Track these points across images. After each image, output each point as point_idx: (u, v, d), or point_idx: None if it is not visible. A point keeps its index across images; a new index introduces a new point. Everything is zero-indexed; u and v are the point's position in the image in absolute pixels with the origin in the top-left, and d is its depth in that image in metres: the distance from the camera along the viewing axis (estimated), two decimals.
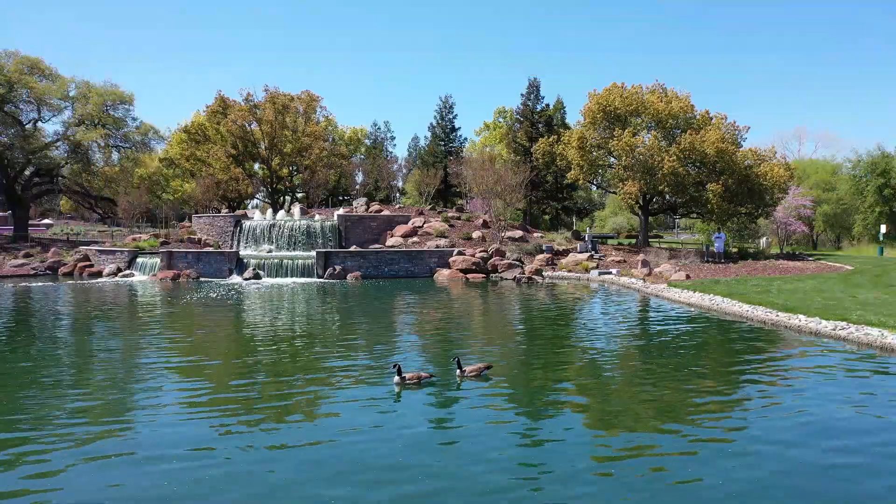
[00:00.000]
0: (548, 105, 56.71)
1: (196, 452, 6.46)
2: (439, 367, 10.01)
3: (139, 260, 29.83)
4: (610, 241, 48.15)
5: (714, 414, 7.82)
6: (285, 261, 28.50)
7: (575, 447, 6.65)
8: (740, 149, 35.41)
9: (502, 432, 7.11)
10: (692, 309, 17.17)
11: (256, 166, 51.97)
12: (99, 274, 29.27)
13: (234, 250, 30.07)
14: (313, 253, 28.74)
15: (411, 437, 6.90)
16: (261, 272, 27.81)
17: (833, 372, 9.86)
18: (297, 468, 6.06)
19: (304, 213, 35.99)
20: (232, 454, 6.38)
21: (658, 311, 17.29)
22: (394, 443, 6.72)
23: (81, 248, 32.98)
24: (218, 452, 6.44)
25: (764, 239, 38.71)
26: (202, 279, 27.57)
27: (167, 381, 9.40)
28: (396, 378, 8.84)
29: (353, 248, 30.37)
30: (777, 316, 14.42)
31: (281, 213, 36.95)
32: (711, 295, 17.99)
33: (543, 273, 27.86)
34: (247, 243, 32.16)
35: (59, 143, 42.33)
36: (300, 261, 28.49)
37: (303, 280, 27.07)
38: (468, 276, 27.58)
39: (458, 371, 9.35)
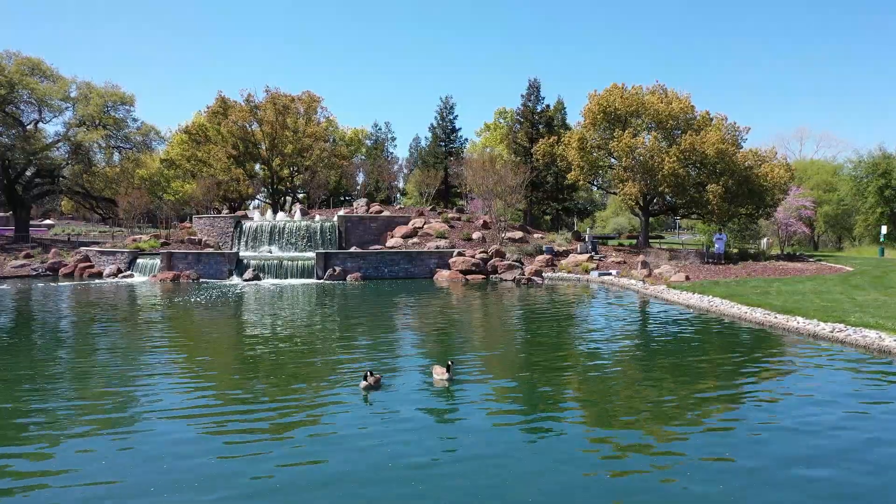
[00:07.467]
0: (548, 106, 56.68)
1: (193, 452, 6.48)
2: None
3: (139, 261, 29.86)
4: (611, 242, 48.16)
5: (711, 416, 7.83)
6: (285, 262, 28.53)
7: (573, 447, 6.64)
8: (741, 150, 35.42)
9: (501, 432, 7.12)
10: (691, 310, 17.16)
11: (257, 167, 52.01)
12: (99, 275, 29.32)
13: (234, 251, 30.12)
14: (313, 254, 28.75)
15: (411, 438, 6.92)
16: (261, 273, 27.85)
17: (829, 374, 9.86)
18: (295, 466, 6.09)
19: (304, 213, 36.02)
20: (227, 454, 6.40)
21: (657, 313, 17.28)
22: (392, 443, 6.73)
23: (82, 248, 33.02)
24: (215, 451, 6.46)
25: (765, 240, 38.66)
26: (202, 280, 27.59)
27: (165, 382, 9.41)
28: (363, 383, 8.91)
29: (353, 249, 30.41)
30: (776, 318, 14.41)
31: (281, 214, 36.97)
32: (710, 296, 17.98)
33: (543, 274, 27.86)
34: (247, 244, 32.23)
35: (60, 144, 42.42)
36: (300, 262, 28.50)
37: (303, 281, 27.09)
38: (468, 277, 27.59)
39: (446, 375, 9.39)
